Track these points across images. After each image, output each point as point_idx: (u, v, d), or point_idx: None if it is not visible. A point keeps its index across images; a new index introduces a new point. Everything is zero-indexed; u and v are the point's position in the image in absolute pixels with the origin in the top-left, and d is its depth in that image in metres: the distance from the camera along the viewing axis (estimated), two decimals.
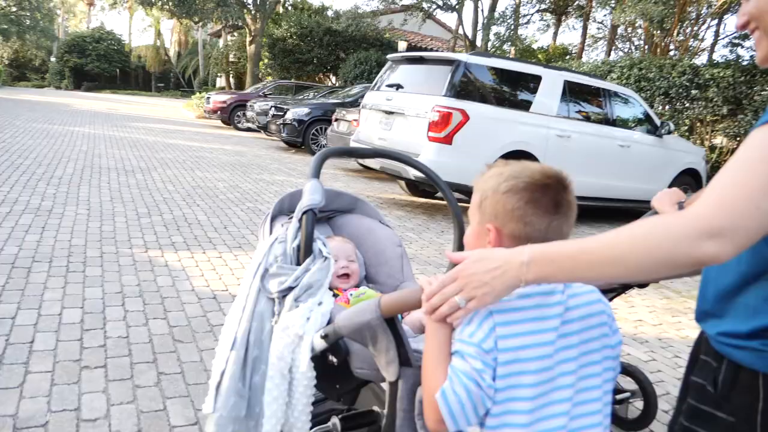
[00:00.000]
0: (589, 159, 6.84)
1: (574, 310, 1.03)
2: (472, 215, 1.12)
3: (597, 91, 7.12)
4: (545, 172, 1.06)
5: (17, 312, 2.89)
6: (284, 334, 1.32)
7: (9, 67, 45.56)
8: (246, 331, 1.41)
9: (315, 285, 1.37)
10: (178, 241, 4.49)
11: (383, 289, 1.82)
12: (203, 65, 38.21)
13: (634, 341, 3.48)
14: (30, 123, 12.11)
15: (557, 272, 0.88)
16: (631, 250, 0.83)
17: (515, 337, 0.97)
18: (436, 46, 22.78)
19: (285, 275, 1.40)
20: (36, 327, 2.76)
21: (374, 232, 1.91)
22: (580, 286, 1.08)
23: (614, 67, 10.88)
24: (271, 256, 1.44)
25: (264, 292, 1.43)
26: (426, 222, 6.31)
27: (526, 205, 1.02)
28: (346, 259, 1.76)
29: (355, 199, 1.99)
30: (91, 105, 21.62)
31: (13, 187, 5.60)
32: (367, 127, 7.24)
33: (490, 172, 1.10)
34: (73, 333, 2.75)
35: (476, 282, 0.92)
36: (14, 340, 2.60)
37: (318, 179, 1.50)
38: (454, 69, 6.18)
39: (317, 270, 1.39)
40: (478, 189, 1.10)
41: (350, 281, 1.76)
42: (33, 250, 3.83)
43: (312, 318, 1.30)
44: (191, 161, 8.99)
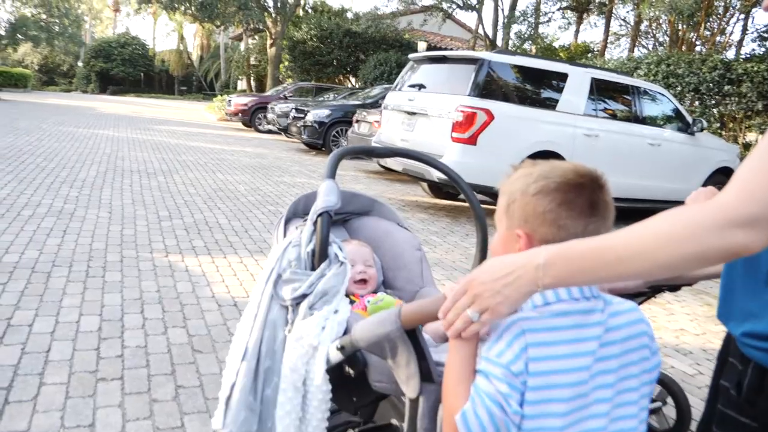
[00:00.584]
0: (618, 158, 6.64)
1: (614, 332, 0.94)
2: (499, 220, 1.04)
3: (625, 89, 6.91)
4: (578, 170, 0.98)
5: (35, 319, 2.83)
6: (298, 344, 1.24)
7: (38, 72, 46.54)
8: (258, 340, 1.33)
9: (330, 292, 1.29)
10: (198, 245, 4.42)
11: (401, 294, 1.75)
12: (225, 68, 38.52)
13: (677, 352, 3.29)
14: (56, 126, 12.25)
15: (577, 273, 0.81)
16: (656, 245, 0.76)
17: (549, 360, 0.88)
18: (455, 46, 22.60)
19: (299, 281, 1.32)
20: (53, 335, 2.69)
21: (392, 235, 1.84)
22: (621, 303, 0.99)
23: (641, 64, 10.61)
24: (285, 260, 1.37)
25: (277, 299, 1.35)
26: (450, 225, 6.17)
27: (559, 207, 0.94)
28: (363, 263, 1.68)
29: (372, 201, 1.92)
30: (115, 108, 21.89)
31: (37, 190, 5.60)
32: (389, 129, 7.13)
33: (518, 173, 1.02)
34: (90, 342, 2.67)
35: (488, 292, 0.84)
36: (30, 348, 2.54)
37: (334, 180, 1.42)
38: (478, 68, 6.03)
39: (333, 276, 1.31)
40: (505, 191, 1.02)
41: (367, 287, 1.68)
42: (53, 254, 3.79)
43: (327, 327, 1.22)
44: (212, 164, 8.97)
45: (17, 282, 3.25)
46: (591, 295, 0.95)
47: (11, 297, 3.04)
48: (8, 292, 3.10)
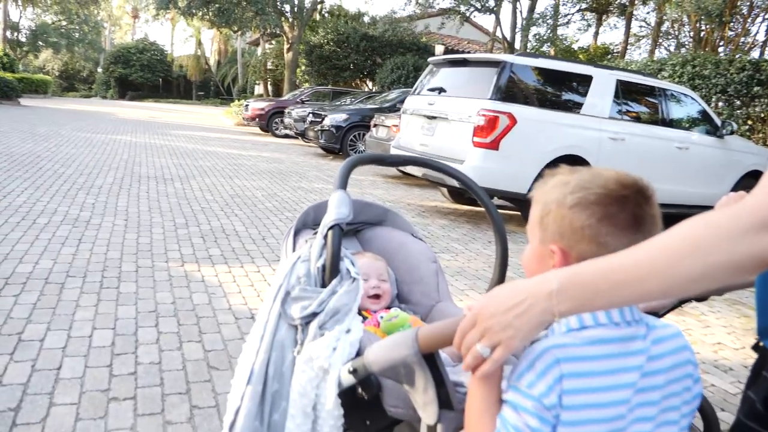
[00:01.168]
0: (645, 162, 6.44)
1: (657, 361, 0.86)
2: (532, 232, 0.95)
3: (651, 91, 6.71)
4: (621, 180, 0.88)
5: (46, 333, 2.73)
6: (307, 366, 1.16)
7: (59, 78, 47.27)
8: (264, 362, 1.24)
9: (342, 310, 1.21)
10: (215, 254, 4.32)
11: (417, 309, 1.66)
12: (242, 73, 38.75)
13: (716, 369, 3.11)
14: (75, 132, 12.30)
15: (596, 297, 0.73)
16: (681, 258, 0.69)
17: (585, 393, 0.80)
18: (473, 49, 22.43)
19: (308, 299, 1.23)
20: (65, 351, 2.59)
21: (406, 246, 1.75)
22: (665, 328, 0.91)
23: (665, 65, 10.35)
24: (293, 277, 1.28)
25: (285, 318, 1.25)
26: (471, 231, 6.02)
27: (600, 222, 0.85)
28: (377, 278, 1.60)
29: (385, 211, 1.84)
30: (134, 114, 22.04)
31: (53, 197, 5.55)
32: (408, 133, 7.00)
33: (553, 181, 0.93)
34: (102, 358, 2.57)
35: (498, 325, 0.77)
36: (41, 365, 2.44)
37: (345, 190, 1.34)
38: (499, 71, 5.88)
39: (344, 293, 1.23)
40: (539, 201, 0.93)
41: (381, 302, 1.59)
42: (68, 264, 3.70)
43: (339, 348, 1.14)
44: (230, 169, 8.91)
45: (30, 294, 3.16)
46: (633, 320, 0.86)
47: (23, 310, 2.95)
48: (20, 304, 3.01)
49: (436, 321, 1.60)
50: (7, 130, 11.07)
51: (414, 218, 6.40)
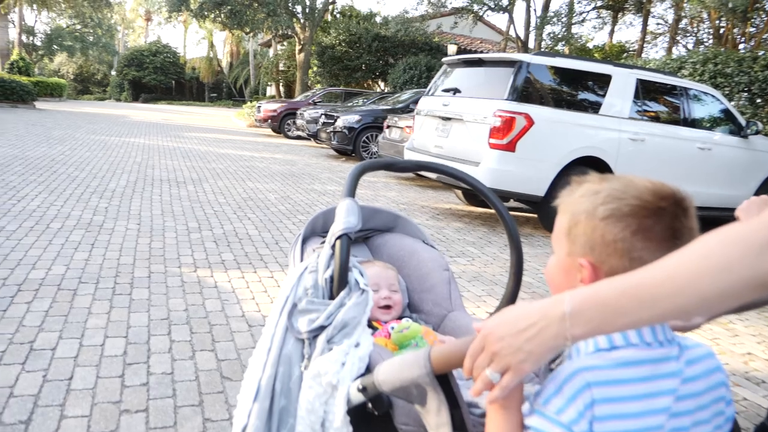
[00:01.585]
0: (666, 164, 6.32)
1: (691, 383, 0.81)
2: (558, 243, 0.90)
3: (673, 90, 6.55)
4: (658, 191, 0.83)
5: (58, 342, 2.68)
6: (315, 382, 1.11)
7: (74, 82, 47.74)
8: (271, 377, 1.19)
9: (351, 323, 1.16)
10: (228, 258, 4.27)
11: (429, 318, 1.62)
12: (254, 75, 38.87)
13: (748, 381, 2.98)
14: (89, 135, 12.35)
15: (612, 318, 0.68)
16: (702, 275, 0.65)
17: (617, 419, 0.75)
18: (486, 48, 22.29)
19: (316, 312, 1.19)
20: (76, 360, 2.54)
21: (417, 254, 1.70)
22: (697, 348, 0.85)
23: (685, 63, 10.15)
24: (300, 288, 1.24)
25: (292, 331, 1.21)
26: (487, 235, 5.91)
27: (634, 236, 0.80)
28: (387, 288, 1.56)
29: (396, 217, 1.80)
30: (147, 116, 22.15)
31: (67, 201, 5.53)
32: (422, 135, 6.91)
33: (583, 190, 0.87)
34: (114, 368, 2.51)
35: (507, 348, 0.73)
36: (52, 376, 2.38)
37: (353, 198, 1.30)
38: (516, 70, 5.78)
39: (353, 305, 1.18)
40: (567, 210, 0.88)
41: (392, 312, 1.55)
42: (80, 270, 3.66)
43: (348, 363, 1.10)
44: (242, 171, 8.87)
45: (42, 301, 3.11)
46: (665, 339, 0.81)
47: (35, 318, 2.90)
48: (32, 312, 2.97)
49: (449, 331, 1.57)
50: (23, 134, 11.13)
51: (428, 221, 6.31)
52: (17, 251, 3.87)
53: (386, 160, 1.52)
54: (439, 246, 5.24)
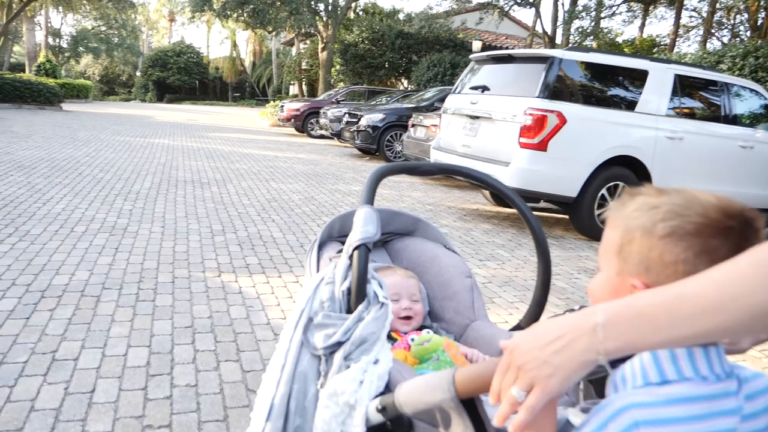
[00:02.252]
0: (705, 163, 6.07)
1: (751, 421, 0.72)
2: (607, 260, 0.82)
3: (712, 85, 6.28)
4: (725, 208, 0.74)
5: (81, 352, 2.60)
6: (332, 402, 1.05)
7: (99, 83, 48.45)
8: (285, 395, 1.12)
9: (370, 339, 1.09)
10: (252, 262, 4.17)
11: (450, 328, 1.56)
12: (277, 74, 39.00)
13: None
14: (114, 136, 12.43)
15: (649, 333, 0.63)
16: (756, 288, 0.58)
17: None
18: (511, 44, 21.97)
19: (333, 327, 1.12)
20: (99, 371, 2.45)
21: (439, 259, 1.64)
22: (756, 378, 0.76)
23: (724, 57, 9.78)
24: (316, 301, 1.17)
25: (307, 346, 1.14)
26: (517, 237, 5.74)
27: (697, 257, 0.72)
28: (408, 298, 1.49)
29: (416, 220, 1.73)
30: (171, 116, 22.32)
31: (91, 204, 5.50)
32: (449, 134, 6.75)
33: (638, 204, 0.79)
34: (137, 380, 2.42)
35: (533, 361, 0.68)
36: (74, 388, 2.30)
37: (372, 205, 1.23)
38: (548, 67, 5.58)
39: (372, 320, 1.11)
40: (619, 225, 0.80)
41: (412, 323, 1.49)
42: (104, 276, 3.59)
43: (366, 382, 1.03)
44: (266, 171, 8.81)
45: (65, 308, 3.04)
46: (723, 373, 0.72)
47: (58, 326, 2.83)
48: (55, 320, 2.90)
49: (471, 341, 1.50)
50: (50, 136, 11.24)
51: (455, 222, 6.15)
52: (41, 256, 3.82)
53: (406, 164, 1.42)
54: (468, 249, 5.09)
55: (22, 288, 3.25)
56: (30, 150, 8.82)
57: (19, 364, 2.43)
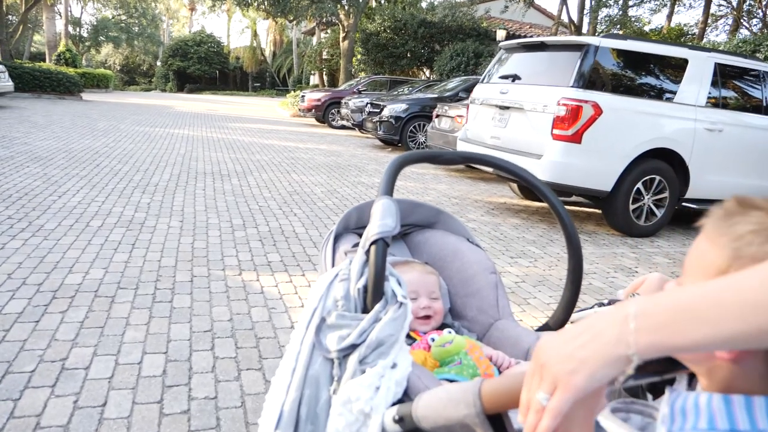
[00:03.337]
0: (744, 156, 5.78)
1: None
2: (694, 276, 0.69)
3: (753, 75, 5.94)
4: None
5: (92, 359, 2.43)
6: (345, 409, 0.97)
7: (120, 73, 48.73)
8: (296, 401, 1.04)
9: (387, 342, 1.01)
10: (274, 260, 3.99)
11: (473, 327, 1.47)
12: (297, 63, 38.80)
13: None
14: (133, 126, 12.35)
15: (689, 327, 0.53)
16: None
17: None
18: (536, 33, 21.49)
19: (347, 327, 1.03)
20: (111, 382, 2.28)
21: (461, 254, 1.55)
22: None
23: (760, 46, 9.38)
24: (330, 299, 1.09)
25: (320, 349, 1.05)
26: (548, 232, 5.48)
27: None
28: (428, 296, 1.41)
29: (438, 212, 1.65)
30: (192, 107, 22.28)
31: (108, 197, 5.36)
32: (477, 125, 6.49)
33: (754, 223, 0.64)
34: (152, 391, 2.24)
35: (556, 357, 0.59)
36: (84, 401, 2.13)
37: (391, 197, 1.14)
38: (583, 55, 5.30)
39: (390, 321, 1.02)
40: (723, 245, 0.65)
41: (432, 323, 1.40)
42: (119, 274, 3.43)
43: (383, 388, 0.96)
44: (287, 163, 8.63)
45: (78, 310, 2.88)
46: None
47: (70, 330, 2.67)
48: (66, 323, 2.74)
49: (495, 341, 1.42)
50: (69, 126, 11.18)
51: (483, 217, 5.91)
52: (55, 252, 3.67)
53: (428, 153, 1.34)
54: (497, 245, 4.86)
55: (33, 288, 3.10)
56: (48, 140, 8.74)
57: (25, 374, 2.26)
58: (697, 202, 5.77)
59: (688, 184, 5.66)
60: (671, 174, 5.56)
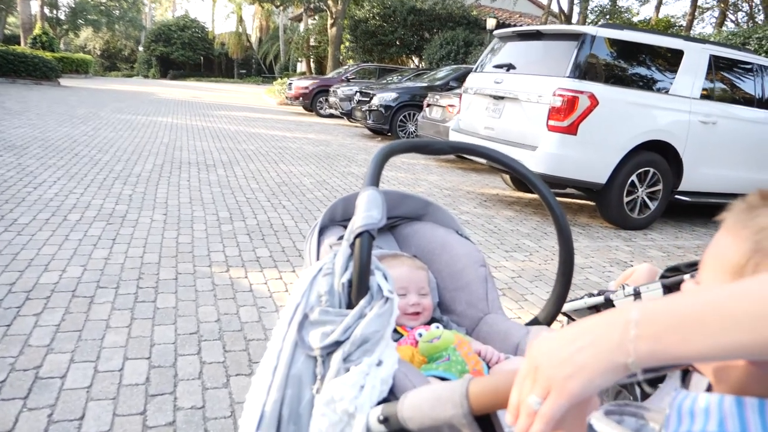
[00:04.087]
0: (737, 149, 5.75)
1: None
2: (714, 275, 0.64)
3: (747, 67, 5.87)
4: None
5: (69, 366, 2.27)
6: (329, 409, 0.93)
7: (101, 58, 47.77)
8: (277, 402, 0.99)
9: (372, 338, 0.97)
10: (263, 255, 3.83)
11: (462, 321, 1.45)
12: (284, 50, 38.34)
13: None
14: (114, 114, 12.04)
15: (693, 336, 0.51)
16: None
17: None
18: (525, 22, 21.35)
19: (331, 324, 0.99)
20: (89, 392, 2.12)
21: (450, 247, 1.52)
22: None
23: (750, 39, 9.33)
24: (313, 295, 1.04)
25: (302, 346, 1.01)
26: (541, 225, 5.39)
27: None
28: (416, 292, 1.37)
29: (426, 204, 1.61)
30: (175, 93, 21.88)
31: (87, 188, 5.15)
32: (470, 115, 6.35)
33: None
34: (135, 402, 2.09)
35: (551, 360, 0.57)
36: (59, 414, 1.97)
37: (377, 187, 1.10)
38: (579, 45, 5.17)
39: (375, 316, 0.98)
40: (744, 238, 0.61)
41: (420, 318, 1.37)
42: (99, 272, 3.25)
43: (367, 386, 0.92)
44: (274, 153, 8.43)
45: (53, 312, 2.71)
46: None
47: (45, 334, 2.50)
48: (41, 326, 2.56)
49: (484, 336, 1.39)
50: (45, 113, 10.84)
51: (476, 209, 5.80)
52: (29, 249, 3.47)
53: (416, 142, 1.32)
54: (492, 238, 4.75)
55: (4, 288, 2.90)
56: (23, 128, 8.43)
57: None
58: (690, 195, 5.71)
59: (681, 177, 5.59)
60: (665, 166, 5.50)
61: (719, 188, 5.81)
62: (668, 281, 1.59)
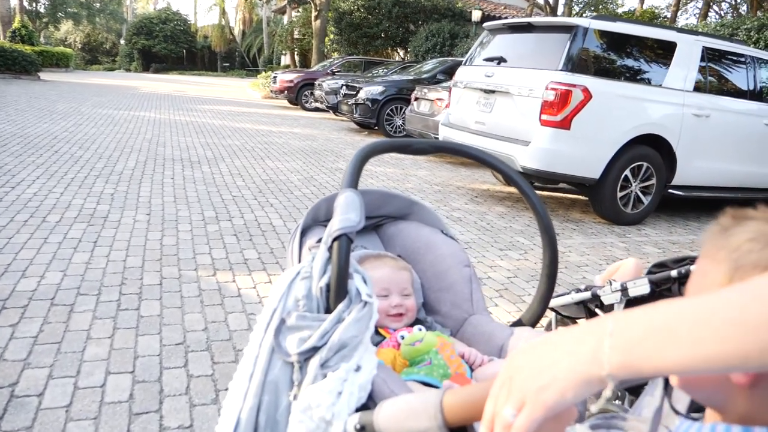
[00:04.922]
0: (730, 142, 5.71)
1: None
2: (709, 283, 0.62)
3: (739, 59, 5.82)
4: None
5: (47, 383, 2.13)
6: (306, 416, 0.90)
7: (82, 51, 46.96)
8: (254, 409, 0.97)
9: (350, 344, 0.95)
10: (251, 257, 3.70)
11: (446, 322, 1.44)
12: (268, 43, 37.95)
13: None
14: (95, 109, 11.76)
15: (665, 348, 0.50)
16: None
17: None
18: (510, 14, 21.25)
19: (308, 329, 0.97)
20: (69, 411, 1.99)
21: (435, 246, 1.51)
22: None
23: (738, 30, 9.32)
24: (291, 299, 1.02)
25: (279, 352, 0.98)
26: (534, 221, 5.30)
27: None
28: (399, 293, 1.36)
29: (411, 203, 1.60)
30: (158, 87, 21.52)
31: (68, 187, 4.97)
32: (461, 109, 6.25)
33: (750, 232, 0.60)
34: (118, 421, 1.96)
35: (525, 371, 0.57)
36: None
37: (355, 189, 1.09)
38: (572, 37, 5.08)
39: (353, 321, 0.96)
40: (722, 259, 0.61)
41: (404, 320, 1.35)
42: (80, 277, 3.10)
43: (345, 393, 0.90)
44: (260, 148, 8.27)
45: (31, 323, 2.56)
46: None
47: (21, 347, 2.35)
48: (18, 338, 2.42)
49: (468, 337, 1.37)
50: (24, 108, 10.55)
51: (467, 205, 5.70)
52: (5, 254, 3.31)
53: (397, 142, 1.28)
54: (485, 236, 4.65)
55: None
56: (1, 124, 8.15)
57: None
58: (684, 189, 5.67)
59: (674, 171, 5.54)
60: (659, 160, 5.45)
61: (713, 182, 5.77)
62: (655, 277, 1.54)
